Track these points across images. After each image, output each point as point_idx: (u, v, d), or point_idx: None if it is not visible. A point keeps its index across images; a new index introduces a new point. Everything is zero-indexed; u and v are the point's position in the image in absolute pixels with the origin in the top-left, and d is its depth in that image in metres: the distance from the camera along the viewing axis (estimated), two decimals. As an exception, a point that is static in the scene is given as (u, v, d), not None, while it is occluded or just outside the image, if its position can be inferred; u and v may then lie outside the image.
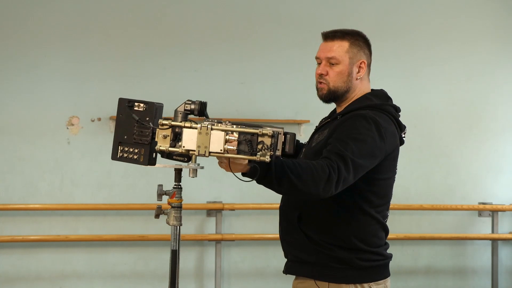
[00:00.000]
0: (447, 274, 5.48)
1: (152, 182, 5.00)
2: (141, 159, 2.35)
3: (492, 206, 5.39)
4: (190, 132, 2.03)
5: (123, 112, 2.35)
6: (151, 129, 2.30)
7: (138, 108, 2.34)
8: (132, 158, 2.36)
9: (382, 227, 2.43)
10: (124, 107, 2.35)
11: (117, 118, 2.37)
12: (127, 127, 2.34)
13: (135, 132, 2.33)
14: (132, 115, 2.31)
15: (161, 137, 2.09)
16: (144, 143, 2.32)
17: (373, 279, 2.38)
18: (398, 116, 2.46)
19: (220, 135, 1.99)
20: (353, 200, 2.33)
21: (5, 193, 4.94)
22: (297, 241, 2.41)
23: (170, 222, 2.43)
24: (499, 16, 5.60)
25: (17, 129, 4.97)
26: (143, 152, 2.33)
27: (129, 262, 5.08)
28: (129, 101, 2.35)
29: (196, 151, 2.01)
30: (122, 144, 2.37)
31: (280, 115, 5.23)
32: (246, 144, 1.99)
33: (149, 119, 2.32)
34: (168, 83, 5.13)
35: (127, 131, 2.34)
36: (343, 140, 2.25)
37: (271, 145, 1.97)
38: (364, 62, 2.46)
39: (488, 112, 5.54)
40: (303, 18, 5.30)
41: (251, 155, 1.98)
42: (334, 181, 2.13)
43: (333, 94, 2.46)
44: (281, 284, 5.00)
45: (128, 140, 2.35)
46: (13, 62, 4.98)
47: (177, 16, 5.18)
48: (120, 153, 2.37)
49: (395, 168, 2.45)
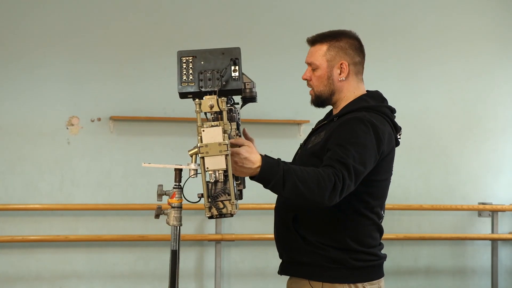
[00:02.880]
0: (447, 274, 5.48)
1: (152, 182, 5.01)
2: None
3: (492, 206, 5.39)
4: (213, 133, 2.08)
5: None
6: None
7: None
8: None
9: (377, 228, 2.44)
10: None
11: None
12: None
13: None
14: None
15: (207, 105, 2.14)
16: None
17: (367, 279, 2.38)
18: (393, 117, 2.46)
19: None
20: (348, 201, 2.32)
21: (5, 193, 4.95)
22: (292, 242, 2.42)
23: (170, 222, 2.43)
24: (499, 16, 5.60)
25: (17, 129, 4.97)
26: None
27: (129, 262, 5.08)
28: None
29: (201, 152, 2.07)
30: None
31: (280, 115, 5.23)
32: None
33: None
34: (168, 83, 5.12)
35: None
36: (343, 146, 2.25)
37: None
38: (344, 63, 2.43)
39: (488, 112, 5.54)
40: (303, 18, 5.30)
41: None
42: (339, 190, 2.16)
43: (319, 98, 2.48)
44: (280, 284, 4.99)
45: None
46: (13, 62, 4.99)
47: (177, 17, 5.18)
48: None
49: (391, 169, 2.45)
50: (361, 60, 2.48)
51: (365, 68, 2.50)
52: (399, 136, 2.49)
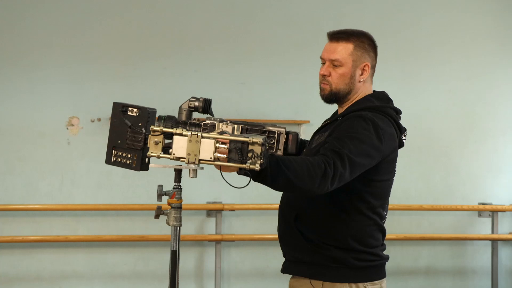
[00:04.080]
0: (447, 274, 5.48)
1: (152, 182, 5.00)
2: (133, 164, 2.36)
3: (492, 206, 5.39)
4: (180, 140, 2.01)
5: (117, 117, 2.35)
6: (143, 135, 2.30)
7: (132, 113, 2.34)
8: (125, 163, 2.37)
9: (379, 228, 2.43)
10: (118, 111, 2.35)
11: (111, 123, 2.37)
12: (121, 131, 2.34)
13: (128, 137, 2.34)
14: (124, 120, 2.31)
15: (153, 143, 2.07)
16: (136, 148, 2.33)
17: (368, 279, 2.38)
18: (398, 118, 2.46)
19: (210, 143, 1.98)
20: (350, 200, 2.33)
21: (5, 193, 4.94)
22: (294, 241, 2.41)
23: (170, 223, 2.43)
24: (499, 16, 5.60)
25: (17, 129, 4.97)
26: (136, 157, 2.34)
27: (129, 262, 5.08)
28: (122, 105, 2.35)
29: (186, 159, 1.99)
30: (116, 148, 2.38)
31: (280, 115, 5.23)
32: (236, 152, 1.97)
33: (141, 124, 2.31)
34: (168, 84, 5.13)
35: (120, 136, 2.35)
36: (340, 138, 2.24)
37: (261, 153, 1.95)
38: (367, 65, 2.45)
39: (488, 112, 5.54)
40: (304, 18, 5.29)
41: (241, 163, 1.97)
42: (329, 176, 2.11)
43: (334, 95, 2.46)
44: (281, 285, 4.99)
45: (122, 145, 2.35)
46: (13, 63, 4.98)
47: (177, 17, 5.18)
48: (114, 157, 2.38)
49: (394, 170, 2.44)
50: (376, 63, 2.53)
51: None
52: (404, 137, 2.48)
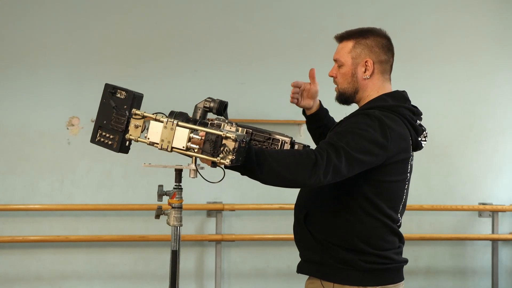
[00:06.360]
0: (447, 274, 5.48)
1: (152, 182, 5.01)
2: (114, 145, 2.37)
3: (492, 206, 5.39)
4: (156, 125, 2.05)
5: (106, 98, 2.36)
6: (126, 117, 2.31)
7: (120, 95, 2.35)
8: (107, 143, 2.39)
9: (392, 231, 2.37)
10: (107, 92, 2.36)
11: (101, 103, 2.38)
12: (107, 112, 2.35)
13: (113, 119, 2.34)
14: (110, 101, 2.32)
15: (133, 126, 2.12)
16: (118, 130, 2.33)
17: (379, 282, 2.32)
18: (415, 119, 2.40)
19: (184, 132, 2.01)
20: (356, 201, 2.30)
21: (5, 193, 4.95)
22: (305, 240, 2.40)
23: (170, 223, 2.43)
24: (499, 16, 5.60)
25: (17, 129, 4.97)
26: (117, 139, 2.35)
27: (129, 262, 5.08)
28: (113, 87, 2.36)
29: (159, 144, 2.03)
30: (101, 128, 2.39)
31: (280, 115, 5.22)
32: (210, 145, 1.99)
33: (126, 107, 2.32)
34: (168, 84, 5.13)
35: (107, 117, 2.36)
36: (340, 133, 2.21)
37: (234, 149, 1.95)
38: (369, 61, 2.40)
39: (488, 112, 5.54)
40: (303, 18, 5.30)
41: (213, 156, 1.98)
42: (321, 168, 2.07)
43: (342, 95, 2.46)
44: (281, 285, 4.99)
45: (107, 126, 2.37)
46: (13, 63, 4.98)
47: (177, 17, 5.18)
48: (98, 137, 2.41)
49: (406, 172, 2.36)
50: (388, 59, 2.45)
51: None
52: (424, 139, 2.44)
